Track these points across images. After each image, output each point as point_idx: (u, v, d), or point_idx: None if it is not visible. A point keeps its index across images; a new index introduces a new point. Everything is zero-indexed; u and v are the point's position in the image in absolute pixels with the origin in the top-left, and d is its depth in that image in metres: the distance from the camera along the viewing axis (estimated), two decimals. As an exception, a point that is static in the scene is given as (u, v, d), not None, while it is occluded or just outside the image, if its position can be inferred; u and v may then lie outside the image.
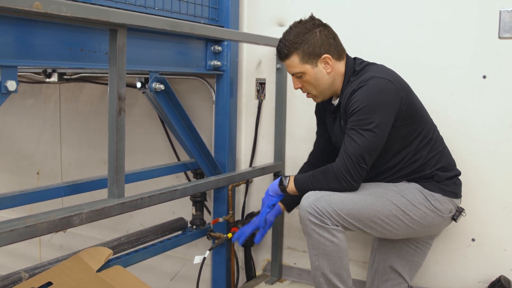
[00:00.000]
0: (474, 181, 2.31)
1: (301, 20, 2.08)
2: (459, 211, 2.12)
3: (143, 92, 2.31)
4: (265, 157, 2.90)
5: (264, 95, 2.87)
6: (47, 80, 3.02)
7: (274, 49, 2.64)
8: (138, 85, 2.35)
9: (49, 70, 2.96)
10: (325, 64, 2.05)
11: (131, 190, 1.96)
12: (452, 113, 2.36)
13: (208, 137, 2.86)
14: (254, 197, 2.96)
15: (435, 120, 2.18)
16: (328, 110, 2.22)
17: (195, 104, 3.06)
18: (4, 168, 4.21)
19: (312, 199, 1.93)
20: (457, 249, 2.41)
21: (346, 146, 1.94)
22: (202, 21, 2.55)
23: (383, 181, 2.10)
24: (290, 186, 2.09)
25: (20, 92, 3.80)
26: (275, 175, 2.78)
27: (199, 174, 2.83)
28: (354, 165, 1.92)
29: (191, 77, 2.92)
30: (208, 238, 2.77)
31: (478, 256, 2.37)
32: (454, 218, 2.12)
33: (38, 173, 4.03)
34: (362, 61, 2.11)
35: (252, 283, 2.80)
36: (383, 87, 1.94)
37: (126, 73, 1.78)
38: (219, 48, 2.57)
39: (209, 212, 3.00)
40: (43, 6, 1.41)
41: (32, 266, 2.02)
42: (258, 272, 2.97)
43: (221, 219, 2.74)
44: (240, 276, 2.96)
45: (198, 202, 2.80)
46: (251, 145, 2.93)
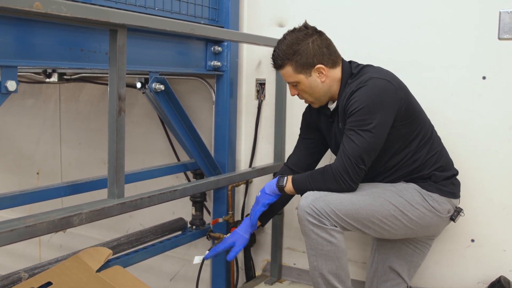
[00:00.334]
0: (474, 182, 2.31)
1: (295, 29, 2.05)
2: (458, 211, 2.12)
3: (143, 92, 2.32)
4: (265, 158, 2.90)
5: (264, 96, 2.87)
6: (47, 80, 3.02)
7: (274, 50, 2.66)
8: (138, 85, 2.35)
9: (49, 70, 2.96)
10: (319, 74, 2.03)
11: (131, 190, 1.97)
12: (452, 114, 2.36)
13: (208, 138, 2.86)
14: (254, 198, 2.94)
15: (435, 121, 2.18)
16: (324, 114, 2.20)
17: (195, 105, 3.06)
18: (4, 168, 4.21)
19: (311, 200, 1.93)
20: (457, 250, 2.41)
21: (345, 147, 1.94)
22: (202, 22, 2.55)
23: (382, 181, 2.10)
24: (288, 186, 2.09)
25: (20, 92, 3.80)
26: (275, 176, 2.77)
27: (199, 175, 2.84)
28: (353, 166, 1.92)
29: (191, 78, 2.92)
30: (208, 239, 2.77)
31: (478, 257, 2.37)
32: (453, 218, 2.12)
33: (38, 173, 4.03)
34: (358, 64, 2.11)
35: (252, 284, 2.80)
36: (382, 88, 1.94)
37: (126, 73, 1.78)
38: (219, 49, 2.57)
39: (209, 213, 3.00)
40: (43, 6, 1.42)
41: (32, 266, 2.02)
42: (258, 273, 2.96)
43: (221, 220, 2.74)
44: (240, 277, 2.96)
45: (198, 203, 2.80)
46: (251, 146, 2.93)
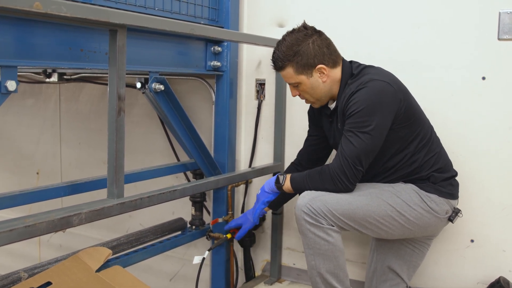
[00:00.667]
0: (473, 183, 2.32)
1: (294, 30, 2.06)
2: (456, 212, 2.12)
3: (143, 92, 2.32)
4: (265, 158, 2.90)
5: (264, 96, 2.87)
6: (47, 80, 3.02)
7: (274, 50, 2.66)
8: (138, 85, 2.35)
9: (49, 70, 2.96)
10: (320, 74, 2.04)
11: (131, 190, 1.97)
12: (452, 114, 2.37)
13: (208, 138, 2.86)
14: (254, 198, 2.95)
15: (434, 121, 2.18)
16: (325, 114, 2.21)
17: (195, 105, 3.06)
18: (4, 168, 4.21)
19: (308, 199, 1.94)
20: (456, 250, 2.41)
21: (343, 148, 1.95)
22: (202, 22, 2.55)
23: (380, 182, 2.10)
24: (286, 185, 2.10)
25: (20, 92, 3.80)
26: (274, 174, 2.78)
27: (199, 175, 2.84)
28: (350, 167, 1.92)
29: (191, 78, 2.92)
30: (208, 239, 2.77)
31: (477, 257, 2.37)
32: (451, 219, 2.12)
33: (38, 173, 4.03)
34: (359, 64, 2.11)
35: (251, 284, 2.80)
36: (382, 90, 1.94)
37: (126, 73, 1.78)
38: (219, 49, 2.57)
39: (209, 213, 3.01)
40: (43, 6, 1.42)
41: (32, 266, 2.02)
42: (257, 273, 2.96)
43: (221, 220, 2.74)
44: (239, 277, 2.96)
45: (198, 203, 2.80)
46: (251, 146, 2.93)
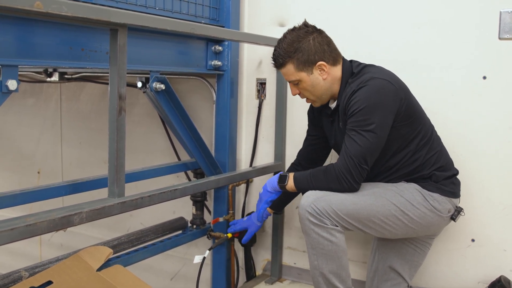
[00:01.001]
0: (474, 182, 2.32)
1: (295, 28, 2.07)
2: (458, 211, 2.13)
3: (144, 92, 2.32)
4: (266, 157, 2.90)
5: (265, 95, 2.87)
6: (48, 80, 3.02)
7: (275, 49, 2.66)
8: (139, 85, 2.35)
9: (50, 70, 2.96)
10: (321, 71, 2.05)
11: (132, 190, 1.97)
12: (452, 114, 2.36)
13: (209, 137, 2.86)
14: (254, 197, 2.96)
15: (435, 121, 2.18)
16: (325, 113, 2.21)
17: (196, 104, 3.06)
18: (5, 167, 4.21)
19: (312, 199, 1.94)
20: (457, 250, 2.41)
21: (347, 147, 1.94)
22: (203, 21, 2.55)
23: (382, 181, 2.10)
24: (290, 184, 2.10)
25: (21, 92, 3.80)
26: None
27: (200, 174, 2.84)
28: (356, 166, 1.92)
29: (192, 77, 2.92)
30: (208, 238, 2.77)
31: (478, 257, 2.37)
32: (453, 218, 2.13)
33: (39, 172, 4.03)
34: (359, 63, 2.11)
35: (252, 283, 2.80)
36: (383, 88, 1.95)
37: (127, 73, 1.78)
38: (220, 48, 2.57)
39: (209, 212, 3.01)
40: (44, 6, 1.42)
41: (33, 265, 2.02)
42: (258, 272, 2.97)
43: (221, 219, 2.74)
44: (240, 276, 2.96)
45: (198, 202, 2.80)
46: (252, 145, 2.93)
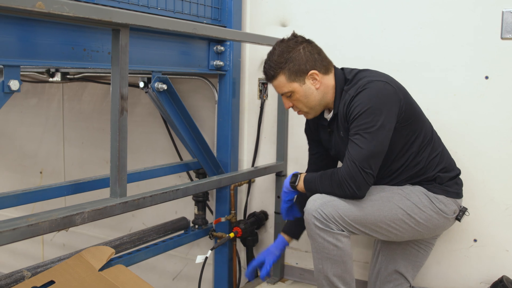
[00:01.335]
0: (476, 182, 2.31)
1: (283, 39, 2.05)
2: (463, 211, 2.13)
3: (146, 92, 2.32)
4: (268, 157, 2.90)
5: (267, 95, 2.87)
6: (50, 80, 3.03)
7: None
8: (141, 85, 2.36)
9: (52, 70, 2.97)
10: (313, 80, 2.02)
11: (134, 190, 1.97)
12: (455, 114, 2.36)
13: (211, 137, 2.86)
14: (256, 197, 2.96)
15: (438, 121, 2.18)
16: (321, 125, 2.18)
17: (198, 104, 3.07)
18: (8, 167, 4.22)
19: (319, 204, 1.91)
20: (459, 250, 2.40)
21: (350, 152, 1.91)
22: (205, 21, 2.55)
23: (387, 185, 2.08)
24: (300, 185, 2.07)
25: (23, 92, 3.80)
26: (277, 175, 2.78)
27: (202, 174, 2.84)
28: (359, 172, 1.87)
29: (194, 77, 2.92)
30: (210, 238, 2.78)
31: (480, 257, 2.36)
32: (458, 218, 2.13)
33: (41, 172, 4.04)
34: (352, 69, 2.09)
35: (254, 283, 2.80)
36: (382, 89, 1.93)
37: (129, 73, 1.78)
38: (222, 48, 2.57)
39: (211, 212, 3.01)
40: (46, 6, 1.42)
41: (35, 265, 2.03)
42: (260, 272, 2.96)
43: (223, 219, 2.74)
44: (242, 276, 2.96)
45: (200, 202, 2.81)
46: (254, 145, 2.93)
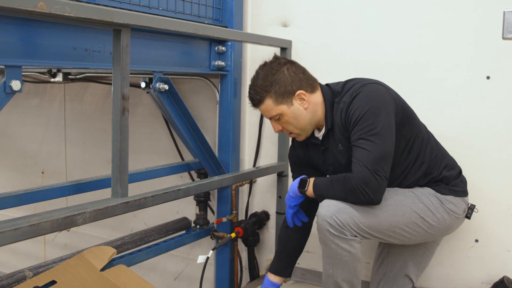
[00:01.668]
0: (478, 183, 2.31)
1: (266, 63, 2.02)
2: (471, 209, 2.12)
3: (147, 92, 2.32)
4: (269, 157, 2.90)
5: (268, 95, 2.86)
6: (52, 80, 3.03)
7: (278, 49, 2.66)
8: (142, 85, 2.36)
9: (54, 70, 2.97)
10: (301, 101, 1.98)
11: (135, 190, 1.97)
12: (456, 114, 2.36)
13: (212, 137, 2.87)
14: (258, 197, 2.96)
15: (439, 121, 2.18)
16: (312, 145, 2.13)
17: (199, 104, 3.07)
18: (9, 167, 4.23)
19: (334, 210, 1.87)
20: (461, 250, 2.40)
21: (358, 158, 1.85)
22: (206, 22, 2.55)
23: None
24: (309, 190, 2.01)
25: (25, 92, 3.82)
26: (279, 175, 2.78)
27: (203, 174, 2.84)
28: (373, 176, 1.82)
29: (195, 77, 2.93)
30: (212, 238, 2.78)
31: (482, 257, 2.36)
32: (468, 216, 2.12)
33: (43, 172, 4.04)
34: (337, 83, 2.06)
35: (256, 283, 2.81)
36: (377, 90, 1.91)
37: (130, 73, 1.79)
38: (223, 48, 2.58)
39: (213, 212, 3.01)
40: (47, 7, 1.42)
41: (37, 265, 2.03)
42: (262, 272, 2.96)
43: (225, 219, 2.74)
44: (244, 276, 2.97)
45: (202, 202, 2.81)
46: (255, 145, 2.93)
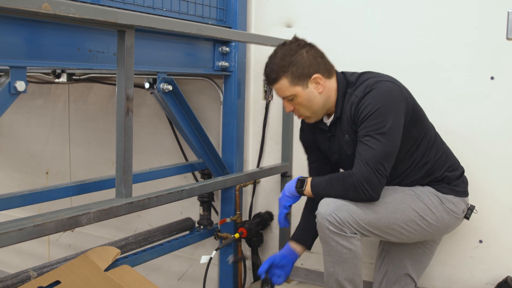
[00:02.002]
0: (482, 183, 2.30)
1: (285, 42, 2.02)
2: (471, 209, 2.13)
3: (151, 93, 2.33)
4: (273, 158, 2.90)
5: (272, 96, 2.87)
6: (56, 81, 3.04)
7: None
8: (146, 86, 2.36)
9: (58, 71, 2.98)
10: (316, 84, 1.98)
11: (139, 190, 1.98)
12: (460, 114, 2.36)
13: (216, 138, 2.87)
14: (262, 198, 2.96)
15: (442, 121, 2.18)
16: (320, 129, 2.14)
17: (203, 105, 3.07)
18: (14, 168, 4.24)
19: (333, 208, 1.88)
20: (464, 251, 2.40)
21: (361, 154, 1.87)
22: (210, 22, 2.55)
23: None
24: (307, 190, 2.03)
25: (29, 92, 3.83)
26: (283, 176, 2.78)
27: (207, 175, 2.84)
28: (374, 174, 1.84)
29: (199, 78, 2.93)
30: (216, 238, 2.78)
31: (485, 258, 2.36)
32: (467, 217, 2.13)
33: (47, 173, 4.05)
34: (353, 72, 2.06)
35: (259, 284, 2.80)
36: (390, 89, 1.91)
37: (134, 74, 1.79)
38: (227, 49, 2.58)
39: (217, 212, 3.01)
40: (52, 8, 1.42)
41: (41, 265, 2.04)
42: (265, 273, 2.96)
43: (229, 219, 2.74)
44: (247, 276, 2.96)
45: (206, 202, 2.81)
46: (259, 146, 2.93)
